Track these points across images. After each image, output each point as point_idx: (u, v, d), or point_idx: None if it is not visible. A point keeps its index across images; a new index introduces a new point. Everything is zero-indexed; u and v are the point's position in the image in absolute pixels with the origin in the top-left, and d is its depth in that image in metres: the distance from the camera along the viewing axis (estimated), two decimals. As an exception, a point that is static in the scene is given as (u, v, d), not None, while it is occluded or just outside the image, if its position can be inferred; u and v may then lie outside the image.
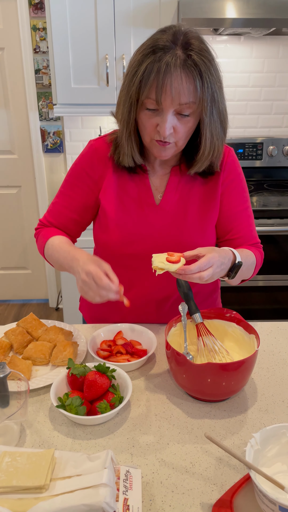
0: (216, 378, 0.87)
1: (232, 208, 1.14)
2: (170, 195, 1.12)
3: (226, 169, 1.12)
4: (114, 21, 2.13)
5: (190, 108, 0.94)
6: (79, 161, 1.16)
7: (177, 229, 1.12)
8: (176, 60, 0.89)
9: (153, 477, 0.76)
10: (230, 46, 2.53)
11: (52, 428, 0.87)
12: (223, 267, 0.95)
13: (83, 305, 1.35)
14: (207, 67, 0.92)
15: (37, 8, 2.46)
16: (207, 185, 1.13)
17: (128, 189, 1.13)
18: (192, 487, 0.74)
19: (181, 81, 0.90)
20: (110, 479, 0.68)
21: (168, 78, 0.90)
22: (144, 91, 0.93)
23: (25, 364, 0.99)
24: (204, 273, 0.89)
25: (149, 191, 1.13)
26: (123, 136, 1.03)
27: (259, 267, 1.16)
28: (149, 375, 1.02)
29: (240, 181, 1.15)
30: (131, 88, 0.95)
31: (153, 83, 0.91)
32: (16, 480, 0.68)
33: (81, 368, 0.92)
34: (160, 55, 0.90)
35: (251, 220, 1.17)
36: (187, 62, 0.90)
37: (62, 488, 0.68)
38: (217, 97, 0.96)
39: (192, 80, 0.91)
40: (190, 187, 1.13)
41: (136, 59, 0.95)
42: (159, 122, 0.96)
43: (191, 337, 1.04)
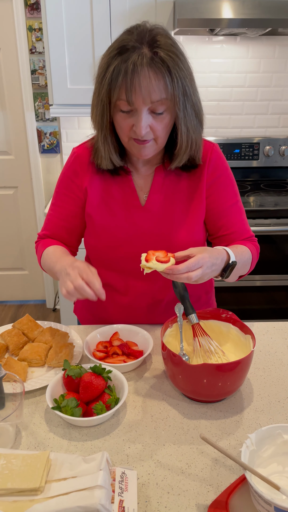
0: (212, 379, 0.87)
1: (221, 204, 1.14)
2: (155, 195, 1.12)
3: (210, 165, 1.11)
4: (110, 21, 2.13)
5: (163, 105, 0.94)
6: (64, 171, 1.17)
7: (164, 228, 1.12)
8: (142, 59, 0.89)
9: (148, 479, 0.76)
10: (226, 47, 2.53)
11: (47, 429, 0.86)
12: (215, 267, 0.94)
13: (78, 307, 1.34)
14: (175, 62, 0.91)
15: (33, 8, 2.45)
16: (191, 182, 1.12)
17: (113, 192, 1.13)
18: (188, 488, 0.74)
19: (149, 80, 0.90)
20: (105, 481, 0.68)
21: (136, 78, 0.90)
22: (114, 93, 0.93)
23: (20, 365, 0.99)
24: (192, 273, 0.88)
25: (133, 192, 1.12)
26: (99, 139, 1.04)
27: (255, 261, 1.16)
28: (145, 376, 1.02)
29: (227, 176, 1.14)
30: (101, 92, 0.96)
31: (122, 84, 0.91)
32: (11, 482, 0.68)
33: (77, 369, 0.91)
34: (127, 55, 0.90)
35: (243, 215, 1.16)
36: (154, 59, 0.90)
37: (57, 490, 0.67)
38: (189, 90, 0.96)
39: (161, 77, 0.91)
40: (174, 186, 1.12)
41: (104, 62, 0.95)
42: (135, 122, 0.96)
43: (187, 338, 1.04)
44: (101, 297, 0.91)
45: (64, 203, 1.17)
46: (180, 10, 2.07)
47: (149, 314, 1.21)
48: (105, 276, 1.18)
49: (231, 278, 1.08)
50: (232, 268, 0.98)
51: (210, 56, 2.55)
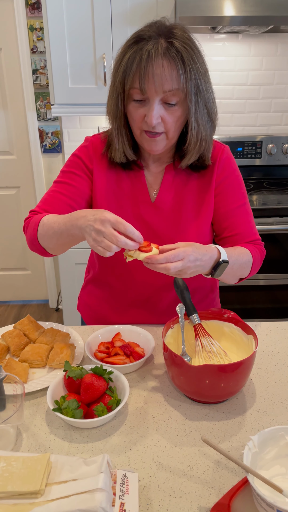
0: (214, 380, 0.87)
1: (228, 205, 1.13)
2: (165, 193, 1.12)
3: (220, 166, 1.12)
4: (111, 20, 2.12)
5: (176, 96, 0.94)
6: (76, 153, 1.15)
7: (172, 226, 1.11)
8: (157, 48, 0.91)
9: (150, 481, 0.75)
10: (228, 44, 2.52)
11: (48, 431, 0.86)
12: (199, 263, 0.92)
13: (81, 304, 1.34)
14: (189, 54, 0.92)
15: (34, 8, 2.45)
16: (201, 183, 1.12)
17: (123, 186, 1.12)
18: (189, 490, 0.74)
19: (163, 68, 0.91)
20: (106, 484, 0.67)
21: (149, 66, 0.91)
22: (128, 80, 0.95)
23: (21, 366, 0.98)
24: (171, 264, 0.87)
25: (144, 188, 1.12)
26: (113, 130, 1.04)
27: (259, 265, 1.14)
28: (146, 377, 1.01)
29: (236, 177, 1.14)
30: (116, 79, 0.97)
31: (136, 71, 0.93)
32: (11, 485, 0.67)
33: (78, 370, 0.91)
34: (143, 44, 0.92)
35: (249, 217, 1.15)
36: (169, 49, 0.91)
37: (58, 493, 0.67)
38: (202, 86, 0.96)
39: (174, 67, 0.92)
40: (184, 185, 1.12)
41: (121, 52, 0.97)
42: (147, 112, 0.96)
43: (189, 338, 1.03)
44: (140, 241, 0.87)
45: (73, 181, 1.12)
46: (181, 8, 2.06)
47: (152, 311, 1.20)
48: (110, 273, 1.18)
49: (229, 279, 1.07)
50: (223, 267, 0.97)
51: (212, 54, 2.54)
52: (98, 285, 1.25)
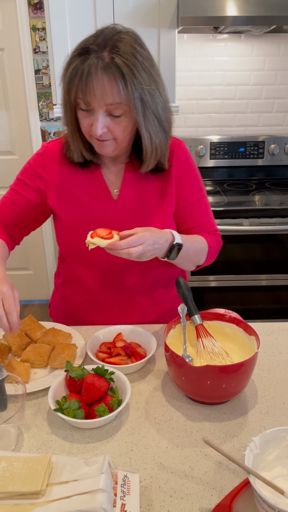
0: (216, 381, 0.86)
1: (187, 199, 1.17)
2: (127, 190, 1.14)
3: (178, 161, 1.14)
4: (114, 20, 2.12)
5: (120, 109, 0.97)
6: (30, 161, 1.18)
7: (136, 222, 1.13)
8: (98, 63, 0.92)
9: (151, 482, 0.75)
10: (230, 45, 2.52)
11: (50, 431, 0.86)
12: (157, 246, 0.98)
13: (54, 310, 1.34)
14: (131, 70, 0.93)
15: (36, 8, 2.45)
16: (162, 178, 1.15)
17: (84, 187, 1.15)
18: (191, 491, 0.73)
19: (103, 84, 0.93)
20: (107, 485, 0.67)
21: (90, 81, 0.93)
22: (72, 92, 0.97)
23: (23, 366, 0.98)
24: (133, 249, 0.93)
25: (104, 187, 1.14)
26: (68, 134, 1.08)
27: (215, 254, 1.22)
28: (148, 377, 1.01)
29: (193, 171, 1.18)
30: (63, 89, 1.00)
31: (78, 85, 0.95)
32: (12, 485, 0.67)
33: (79, 370, 0.91)
34: (85, 57, 0.94)
35: (208, 209, 1.21)
36: (110, 65, 0.93)
37: (59, 494, 0.67)
38: (147, 97, 0.97)
39: (114, 83, 0.93)
40: (145, 181, 1.15)
41: (67, 61, 0.98)
42: (93, 122, 0.99)
43: (191, 339, 1.02)
44: (14, 331, 0.94)
45: (24, 191, 1.17)
46: (184, 8, 2.06)
47: (122, 311, 1.22)
48: (79, 272, 1.20)
49: (185, 265, 1.16)
50: (178, 249, 1.04)
51: (214, 54, 2.53)
52: (71, 284, 1.25)
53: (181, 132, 2.69)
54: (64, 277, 1.27)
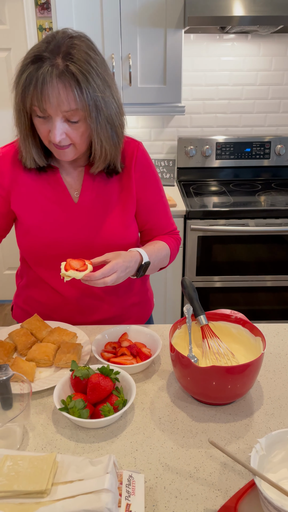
0: (221, 381, 0.86)
1: (148, 200, 1.20)
2: (87, 193, 1.15)
3: (137, 163, 1.16)
4: (120, 20, 2.12)
5: (76, 115, 0.97)
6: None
7: (99, 224, 1.15)
8: (52, 72, 0.91)
9: (156, 482, 0.75)
10: (237, 45, 2.51)
11: (55, 431, 0.86)
12: (128, 270, 1.03)
13: (18, 312, 1.33)
14: (85, 76, 0.93)
15: (43, 8, 2.46)
16: (121, 179, 1.17)
17: (43, 191, 1.14)
18: (196, 492, 0.73)
19: (58, 91, 0.93)
20: (112, 484, 0.67)
21: (45, 89, 0.92)
22: (27, 99, 0.96)
23: (28, 366, 0.98)
24: (107, 278, 0.97)
25: (65, 190, 1.14)
26: (20, 140, 1.06)
27: (176, 254, 1.27)
28: (153, 377, 1.01)
29: (152, 173, 1.20)
30: (17, 96, 0.98)
31: (33, 93, 0.94)
32: (17, 484, 0.67)
33: (85, 370, 0.91)
34: (39, 65, 0.92)
35: (167, 209, 1.25)
36: (64, 72, 0.92)
37: (64, 493, 0.67)
38: (101, 104, 0.98)
39: (70, 90, 0.93)
40: (105, 184, 1.16)
41: (19, 69, 0.96)
42: (50, 129, 0.98)
43: (196, 340, 1.02)
44: None
45: None
46: (191, 8, 2.05)
47: (88, 308, 1.22)
48: (43, 275, 1.21)
49: (150, 272, 1.18)
50: (146, 268, 1.09)
51: (221, 54, 2.53)
52: (35, 285, 1.25)
53: (187, 132, 2.68)
54: (28, 279, 1.27)
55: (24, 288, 1.29)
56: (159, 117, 2.64)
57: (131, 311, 1.29)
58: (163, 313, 2.47)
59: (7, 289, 3.24)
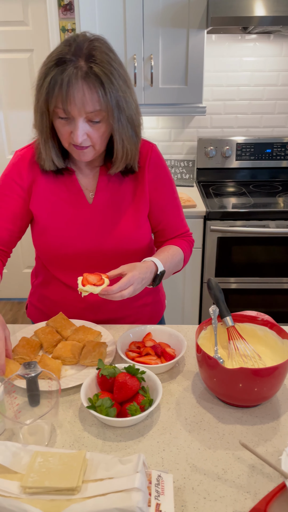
0: (248, 384, 0.86)
1: (160, 201, 1.20)
2: (102, 194, 1.16)
3: (151, 164, 1.17)
4: (143, 21, 2.13)
5: (99, 115, 0.99)
6: (6, 173, 1.17)
7: (112, 225, 1.16)
8: (77, 73, 0.94)
9: (184, 483, 0.75)
10: (259, 45, 2.49)
11: (82, 428, 0.87)
12: (145, 281, 1.03)
13: (32, 310, 1.34)
14: (108, 77, 0.96)
15: (66, 9, 2.48)
16: (135, 180, 1.18)
17: (59, 192, 1.16)
18: (224, 494, 0.73)
19: (83, 92, 0.95)
20: (142, 484, 0.67)
21: (70, 90, 0.94)
22: (51, 102, 0.97)
23: (55, 363, 0.99)
24: (125, 292, 0.97)
25: (80, 192, 1.16)
26: (40, 142, 1.07)
27: (189, 256, 1.27)
28: (178, 378, 1.01)
29: (166, 174, 1.21)
30: (40, 99, 1.00)
31: (58, 95, 0.95)
32: (48, 481, 0.68)
33: (111, 369, 0.91)
34: (63, 67, 0.94)
35: (180, 211, 1.26)
36: (88, 74, 0.94)
37: (94, 491, 0.67)
38: (122, 104, 1.00)
39: (94, 91, 0.95)
40: (119, 184, 1.17)
41: (42, 72, 0.98)
42: (72, 130, 1.00)
43: (222, 341, 1.02)
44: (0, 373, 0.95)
45: (7, 204, 1.16)
46: (214, 9, 2.05)
47: (101, 306, 1.22)
48: (57, 273, 1.22)
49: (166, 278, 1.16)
50: (161, 277, 1.09)
51: (242, 54, 2.52)
52: (49, 284, 1.26)
53: (207, 133, 2.68)
54: (43, 277, 1.28)
55: (39, 287, 1.31)
56: (179, 118, 2.64)
57: (143, 311, 1.30)
58: (180, 313, 2.46)
59: (28, 288, 3.27)
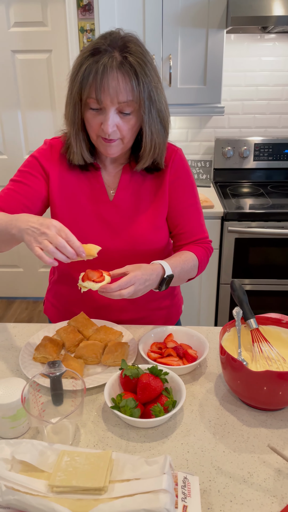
0: (273, 387, 0.85)
1: (179, 204, 1.19)
2: (123, 192, 1.17)
3: (173, 166, 1.17)
4: (162, 21, 2.13)
5: (130, 107, 1.00)
6: (34, 154, 1.18)
7: (130, 223, 1.16)
8: (112, 62, 0.96)
9: (210, 485, 0.75)
10: (278, 44, 2.47)
11: (105, 428, 0.87)
12: (148, 283, 1.00)
13: (48, 307, 1.35)
14: (142, 68, 0.98)
15: (85, 10, 2.49)
16: (156, 182, 1.18)
17: (82, 186, 1.17)
18: (251, 497, 0.72)
19: (117, 81, 0.97)
20: (169, 485, 0.67)
21: (105, 79, 0.96)
22: (85, 91, 0.99)
23: (77, 363, 0.99)
24: (124, 291, 0.95)
25: (102, 187, 1.17)
26: (71, 135, 1.09)
27: (205, 264, 1.23)
28: (200, 379, 1.00)
29: (187, 178, 1.20)
30: (74, 89, 1.02)
31: (92, 83, 0.97)
32: (75, 480, 0.68)
33: (134, 369, 0.91)
34: (98, 57, 0.97)
35: (199, 216, 1.23)
36: (123, 63, 0.97)
37: (121, 491, 0.67)
38: (154, 96, 1.02)
39: (128, 80, 0.97)
40: (140, 184, 1.18)
41: (77, 62, 1.01)
42: (103, 121, 1.01)
43: (245, 343, 1.01)
44: (81, 255, 0.90)
45: (28, 180, 1.15)
46: (234, 8, 2.03)
47: (115, 307, 1.22)
48: (73, 270, 1.22)
49: (176, 284, 1.16)
50: (168, 281, 1.06)
51: (261, 54, 2.50)
52: (65, 281, 1.26)
53: (224, 133, 2.66)
54: (59, 274, 1.28)
55: (55, 283, 1.31)
56: (197, 118, 2.63)
57: (158, 314, 1.29)
58: (196, 314, 2.45)
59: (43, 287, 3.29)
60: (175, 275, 1.09)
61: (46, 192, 1.17)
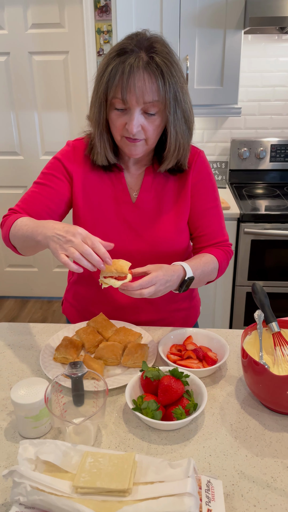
0: (296, 391, 0.84)
1: (200, 206, 1.19)
2: (145, 194, 1.17)
3: (195, 168, 1.18)
4: (179, 22, 2.12)
5: (155, 107, 1.00)
6: (57, 156, 1.19)
7: (152, 225, 1.16)
8: (139, 62, 0.96)
9: (233, 489, 0.74)
10: (296, 45, 2.45)
11: (127, 430, 0.87)
12: (169, 284, 1.00)
13: (67, 307, 1.35)
14: (168, 68, 0.98)
15: (102, 11, 2.50)
16: (179, 184, 1.18)
17: (105, 187, 1.17)
18: (275, 502, 0.72)
19: (144, 81, 0.97)
20: (193, 489, 0.67)
21: (131, 78, 0.96)
22: (111, 91, 1.00)
23: (97, 363, 1.00)
24: (145, 290, 0.94)
25: (125, 189, 1.17)
26: (96, 135, 1.09)
27: (225, 267, 1.22)
28: (221, 382, 1.00)
29: (209, 180, 1.21)
30: (100, 89, 1.02)
31: (118, 83, 0.98)
32: (99, 481, 0.68)
33: (155, 371, 0.91)
34: (125, 57, 0.97)
35: (220, 219, 1.23)
36: (150, 63, 0.97)
37: (146, 494, 0.67)
38: (180, 96, 1.02)
39: (154, 80, 0.97)
40: (163, 186, 1.18)
41: (104, 62, 1.01)
42: (128, 121, 1.02)
43: (266, 347, 1.00)
44: (108, 262, 0.90)
45: (52, 183, 1.15)
46: (252, 8, 2.02)
47: (134, 308, 1.22)
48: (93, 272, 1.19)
49: (196, 286, 1.17)
50: (189, 283, 1.05)
51: (279, 54, 2.48)
52: (84, 281, 1.27)
53: (240, 134, 2.65)
54: (79, 275, 1.29)
55: (74, 284, 1.32)
56: (213, 119, 2.62)
57: (176, 316, 1.29)
58: (211, 316, 2.44)
59: (58, 287, 3.32)
60: (196, 277, 1.08)
61: (69, 193, 1.18)
